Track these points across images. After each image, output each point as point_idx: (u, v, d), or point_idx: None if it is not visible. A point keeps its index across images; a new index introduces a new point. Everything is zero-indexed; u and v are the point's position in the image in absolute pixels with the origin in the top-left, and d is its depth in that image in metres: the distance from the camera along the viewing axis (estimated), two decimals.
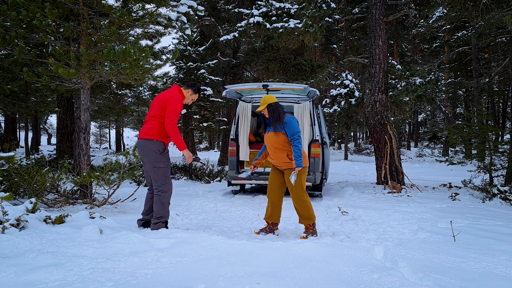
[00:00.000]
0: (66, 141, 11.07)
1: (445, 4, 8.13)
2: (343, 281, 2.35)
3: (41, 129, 30.33)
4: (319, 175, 6.33)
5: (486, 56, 19.95)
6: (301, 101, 6.78)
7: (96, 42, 5.32)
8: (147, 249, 2.86)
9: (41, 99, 11.07)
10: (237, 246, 3.02)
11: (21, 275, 2.28)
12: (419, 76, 9.41)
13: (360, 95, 14.55)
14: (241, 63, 13.17)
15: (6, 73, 8.42)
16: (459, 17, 12.02)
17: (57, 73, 4.84)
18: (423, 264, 2.75)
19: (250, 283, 2.25)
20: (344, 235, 3.77)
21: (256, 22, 8.80)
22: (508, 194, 5.79)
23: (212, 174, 9.74)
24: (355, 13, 11.63)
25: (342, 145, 31.12)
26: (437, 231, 3.81)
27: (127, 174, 5.20)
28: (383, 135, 8.07)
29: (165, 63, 5.84)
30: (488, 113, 10.52)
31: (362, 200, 6.20)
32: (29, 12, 4.70)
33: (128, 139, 35.38)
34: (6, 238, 2.85)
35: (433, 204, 5.69)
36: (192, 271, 2.48)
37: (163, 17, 5.82)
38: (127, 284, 2.25)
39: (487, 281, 2.43)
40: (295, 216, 4.78)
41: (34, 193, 4.66)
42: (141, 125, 32.00)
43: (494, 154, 6.96)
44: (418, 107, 28.87)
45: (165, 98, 3.67)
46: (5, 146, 5.31)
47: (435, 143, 29.48)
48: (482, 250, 3.12)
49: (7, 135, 15.54)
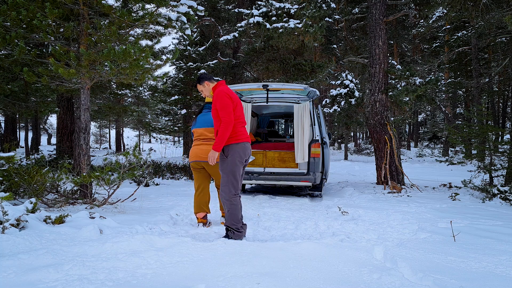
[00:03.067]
0: (66, 141, 11.07)
1: (445, 4, 8.14)
2: (343, 281, 2.35)
3: (41, 129, 30.33)
4: (319, 175, 6.33)
5: (486, 56, 19.95)
6: (301, 101, 6.78)
7: (96, 42, 5.32)
8: (147, 249, 2.86)
9: (41, 99, 11.08)
10: (237, 246, 3.02)
11: (21, 275, 2.28)
12: (419, 76, 9.42)
13: (360, 95, 14.55)
14: (241, 63, 13.17)
15: (6, 73, 8.42)
16: (459, 17, 12.02)
17: (57, 73, 4.84)
18: (423, 264, 2.75)
19: (250, 283, 2.25)
20: (344, 235, 3.77)
21: (256, 22, 8.80)
22: (508, 194, 5.79)
23: None
24: (355, 13, 11.64)
25: (342, 145, 31.13)
26: (437, 231, 3.81)
27: (127, 174, 5.20)
28: (383, 135, 8.08)
29: (165, 63, 5.84)
30: (488, 113, 10.53)
31: (362, 200, 6.20)
32: (29, 12, 4.70)
33: (128, 139, 35.40)
34: (6, 238, 2.85)
35: (433, 204, 5.69)
36: (192, 271, 2.48)
37: (163, 17, 5.82)
38: (127, 284, 2.25)
39: (487, 281, 2.43)
40: (294, 216, 4.79)
41: (34, 193, 4.66)
42: (141, 125, 32.01)
43: (494, 154, 6.96)
44: (418, 107, 28.88)
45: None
46: (5, 146, 5.31)
47: (435, 143, 29.48)
48: (482, 250, 3.12)
49: (7, 135, 15.54)
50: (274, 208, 5.38)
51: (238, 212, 3.49)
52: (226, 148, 3.50)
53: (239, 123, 3.56)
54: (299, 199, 6.33)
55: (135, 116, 23.10)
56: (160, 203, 5.74)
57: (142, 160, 5.63)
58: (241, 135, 3.54)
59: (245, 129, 3.64)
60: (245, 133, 3.59)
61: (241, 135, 3.54)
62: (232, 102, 3.47)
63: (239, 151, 3.49)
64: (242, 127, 3.60)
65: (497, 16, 8.42)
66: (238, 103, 3.57)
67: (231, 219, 3.48)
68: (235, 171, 3.48)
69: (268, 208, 5.42)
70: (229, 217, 3.49)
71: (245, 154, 3.55)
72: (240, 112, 3.60)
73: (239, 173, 3.51)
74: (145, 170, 7.01)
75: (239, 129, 3.55)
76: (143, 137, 47.22)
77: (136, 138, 45.17)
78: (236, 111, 3.52)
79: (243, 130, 3.58)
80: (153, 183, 8.20)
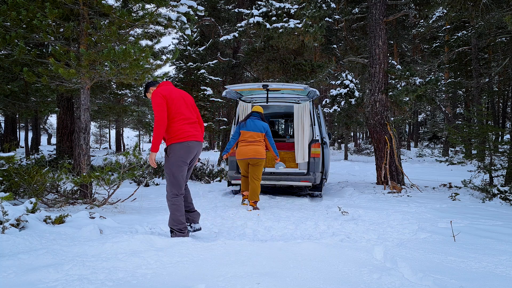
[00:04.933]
0: (66, 141, 11.07)
1: (445, 4, 8.14)
2: (343, 281, 2.35)
3: (41, 129, 30.33)
4: (319, 175, 6.33)
5: (486, 56, 19.95)
6: (301, 101, 6.78)
7: (96, 42, 5.32)
8: (147, 248, 2.87)
9: (41, 99, 11.07)
10: (237, 246, 3.02)
11: (21, 275, 2.28)
12: (419, 76, 9.42)
13: (360, 95, 14.55)
14: (241, 63, 13.17)
15: (6, 73, 8.42)
16: (459, 17, 12.02)
17: (57, 73, 4.84)
18: (423, 264, 2.75)
19: (250, 283, 2.25)
20: (344, 235, 3.77)
21: (256, 22, 8.80)
22: (508, 194, 5.79)
23: (212, 174, 9.74)
24: (355, 13, 11.64)
25: (342, 145, 31.13)
26: (437, 231, 3.81)
27: (127, 174, 5.20)
28: (383, 135, 8.08)
29: (165, 63, 5.85)
30: (488, 113, 10.53)
31: (362, 200, 6.20)
32: (29, 12, 4.70)
33: (128, 139, 35.39)
34: (6, 238, 2.85)
35: (433, 204, 5.69)
36: (192, 271, 2.48)
37: (163, 17, 5.83)
38: (127, 284, 2.25)
39: (487, 281, 2.42)
40: (294, 216, 4.79)
41: (34, 193, 4.66)
42: (141, 125, 31.99)
43: (494, 154, 6.96)
44: (418, 107, 28.88)
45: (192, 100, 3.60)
46: (5, 146, 5.31)
47: (435, 143, 29.48)
48: (482, 250, 3.12)
49: (7, 135, 15.54)
50: (274, 208, 5.38)
51: (180, 213, 3.34)
52: (168, 148, 3.34)
53: (179, 120, 3.30)
54: (299, 199, 6.33)
55: (135, 116, 23.09)
56: (160, 203, 5.74)
57: (142, 160, 5.63)
58: (183, 133, 3.30)
59: (191, 126, 3.38)
60: (189, 131, 3.33)
61: (183, 133, 3.30)
62: (165, 100, 3.23)
63: (181, 151, 3.30)
64: (186, 124, 3.33)
65: (497, 16, 8.42)
66: (175, 99, 3.29)
67: (172, 219, 3.37)
68: (175, 172, 3.31)
69: (268, 208, 5.42)
70: (170, 218, 3.38)
71: (188, 154, 3.34)
72: (181, 108, 3.32)
73: (181, 173, 3.34)
74: (145, 170, 7.01)
75: (181, 127, 3.30)
76: (143, 137, 47.23)
77: (136, 138, 45.20)
78: (173, 107, 3.27)
79: (186, 128, 3.33)
80: (153, 183, 8.20)
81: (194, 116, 3.47)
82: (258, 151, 5.36)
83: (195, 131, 3.40)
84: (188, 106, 3.45)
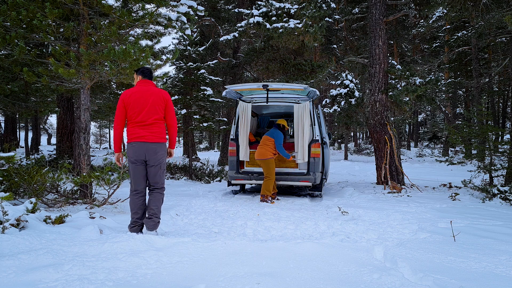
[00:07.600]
0: (66, 141, 11.07)
1: (445, 4, 8.14)
2: (343, 281, 2.35)
3: (41, 129, 30.33)
4: (319, 175, 6.33)
5: (486, 56, 19.95)
6: (301, 101, 6.78)
7: (96, 42, 5.32)
8: (147, 249, 2.87)
9: (41, 99, 11.07)
10: (237, 246, 3.02)
11: (21, 275, 2.28)
12: (419, 76, 9.41)
13: (360, 95, 14.54)
14: (241, 63, 13.17)
15: (6, 73, 8.42)
16: (459, 17, 12.02)
17: (57, 73, 4.84)
18: (423, 264, 2.75)
19: (250, 283, 2.25)
20: (344, 235, 3.77)
21: (256, 22, 8.80)
22: (508, 194, 5.79)
23: (212, 174, 9.74)
24: (355, 13, 11.65)
25: (342, 145, 31.13)
26: (437, 231, 3.81)
27: (127, 174, 5.20)
28: (383, 135, 8.08)
29: (165, 63, 5.85)
30: (488, 113, 10.52)
31: (362, 200, 6.20)
32: (29, 12, 4.70)
33: None
34: (6, 238, 2.86)
35: (433, 204, 5.69)
36: (192, 271, 2.48)
37: (163, 17, 5.82)
38: (127, 284, 2.25)
39: (487, 281, 2.43)
40: (294, 216, 4.79)
41: (34, 193, 4.66)
42: None
43: (494, 154, 6.96)
44: (418, 107, 28.88)
45: (164, 98, 3.64)
46: (5, 146, 5.31)
47: (435, 143, 29.47)
48: (482, 250, 3.12)
49: (7, 135, 15.53)
50: (274, 208, 5.38)
51: (131, 210, 3.58)
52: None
53: (130, 123, 3.58)
54: (299, 199, 6.33)
55: None
56: None
57: None
58: (131, 135, 3.59)
59: (143, 128, 3.54)
60: (137, 133, 3.53)
61: (131, 135, 3.59)
62: (123, 104, 3.54)
63: (129, 151, 3.61)
64: (136, 127, 3.55)
65: (497, 16, 8.42)
66: (132, 103, 3.53)
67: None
68: (130, 170, 3.63)
69: (268, 208, 5.42)
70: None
71: (134, 153, 3.54)
72: (135, 111, 3.53)
73: (133, 172, 3.60)
74: None
75: (130, 129, 3.60)
76: None
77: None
78: (129, 111, 3.55)
79: (133, 130, 3.56)
80: None
81: (150, 118, 3.59)
82: (261, 153, 6.12)
83: (145, 132, 3.57)
84: (149, 107, 3.58)
